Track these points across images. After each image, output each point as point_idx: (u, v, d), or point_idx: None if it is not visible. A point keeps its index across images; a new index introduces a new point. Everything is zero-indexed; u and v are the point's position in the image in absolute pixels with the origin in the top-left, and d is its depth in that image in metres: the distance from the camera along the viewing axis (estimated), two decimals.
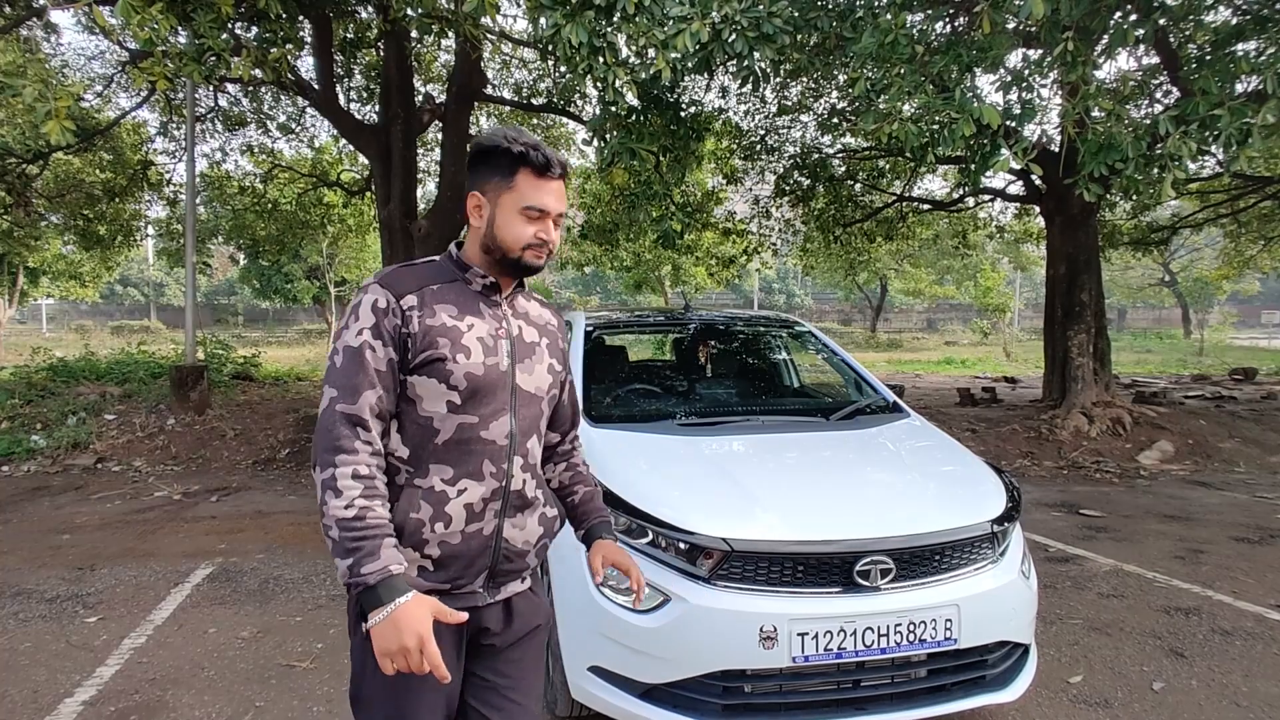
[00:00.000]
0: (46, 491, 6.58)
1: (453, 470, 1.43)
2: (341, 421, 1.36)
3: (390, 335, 1.40)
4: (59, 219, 13.79)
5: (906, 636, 2.23)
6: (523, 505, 1.51)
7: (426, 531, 1.40)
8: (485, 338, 1.47)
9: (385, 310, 1.41)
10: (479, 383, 1.44)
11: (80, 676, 3.15)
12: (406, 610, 1.28)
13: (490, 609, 1.50)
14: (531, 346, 1.55)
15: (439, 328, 1.42)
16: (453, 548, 1.42)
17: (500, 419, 1.47)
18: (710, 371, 4.33)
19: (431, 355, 1.41)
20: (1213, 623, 3.70)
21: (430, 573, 1.42)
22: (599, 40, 4.47)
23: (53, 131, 4.04)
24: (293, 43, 6.66)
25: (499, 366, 1.48)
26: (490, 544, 1.47)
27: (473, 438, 1.44)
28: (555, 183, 1.48)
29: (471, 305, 1.49)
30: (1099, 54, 5.12)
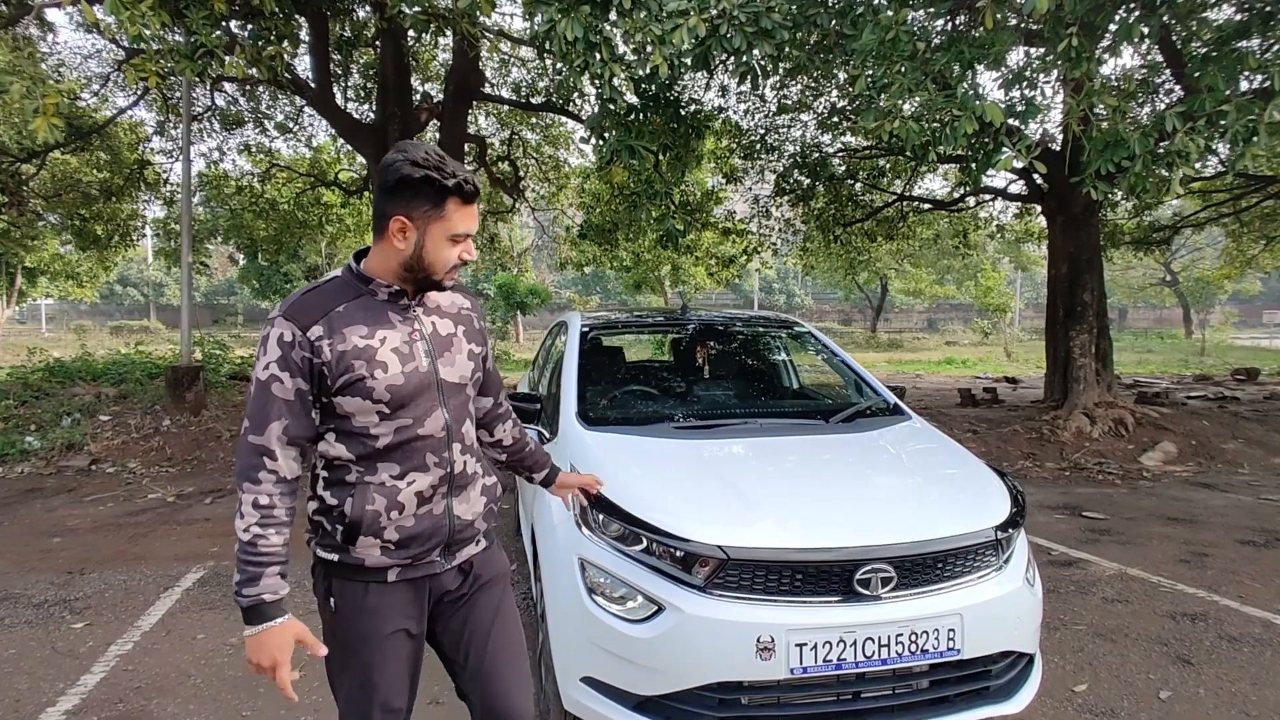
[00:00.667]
0: (39, 493, 6.51)
1: (399, 467, 1.57)
2: (250, 452, 1.50)
3: (299, 366, 1.50)
4: (56, 219, 13.73)
5: (908, 647, 2.17)
6: (465, 483, 1.67)
7: (383, 520, 1.55)
8: (400, 346, 1.57)
9: (291, 344, 1.50)
10: (401, 390, 1.55)
11: (64, 685, 3.09)
12: (269, 635, 1.47)
13: (448, 573, 1.68)
14: (448, 339, 1.65)
15: (352, 351, 1.52)
16: (408, 531, 1.58)
17: (433, 415, 1.60)
18: (708, 373, 4.26)
19: (350, 378, 1.51)
20: (1219, 629, 3.64)
21: (392, 552, 1.58)
22: (595, 36, 4.40)
23: (40, 128, 3.97)
24: (288, 40, 6.59)
25: (419, 369, 1.58)
26: (443, 522, 1.63)
27: (412, 437, 1.57)
28: (475, 206, 1.56)
29: (380, 317, 1.57)
30: (1103, 50, 5.05)
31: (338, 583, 1.61)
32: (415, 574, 1.62)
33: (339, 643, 1.60)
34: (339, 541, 1.57)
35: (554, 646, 2.41)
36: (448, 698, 2.97)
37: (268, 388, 1.50)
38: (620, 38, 4.82)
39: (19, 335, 29.04)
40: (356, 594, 1.60)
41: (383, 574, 1.60)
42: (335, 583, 1.61)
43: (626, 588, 2.25)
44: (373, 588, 1.60)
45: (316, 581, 1.66)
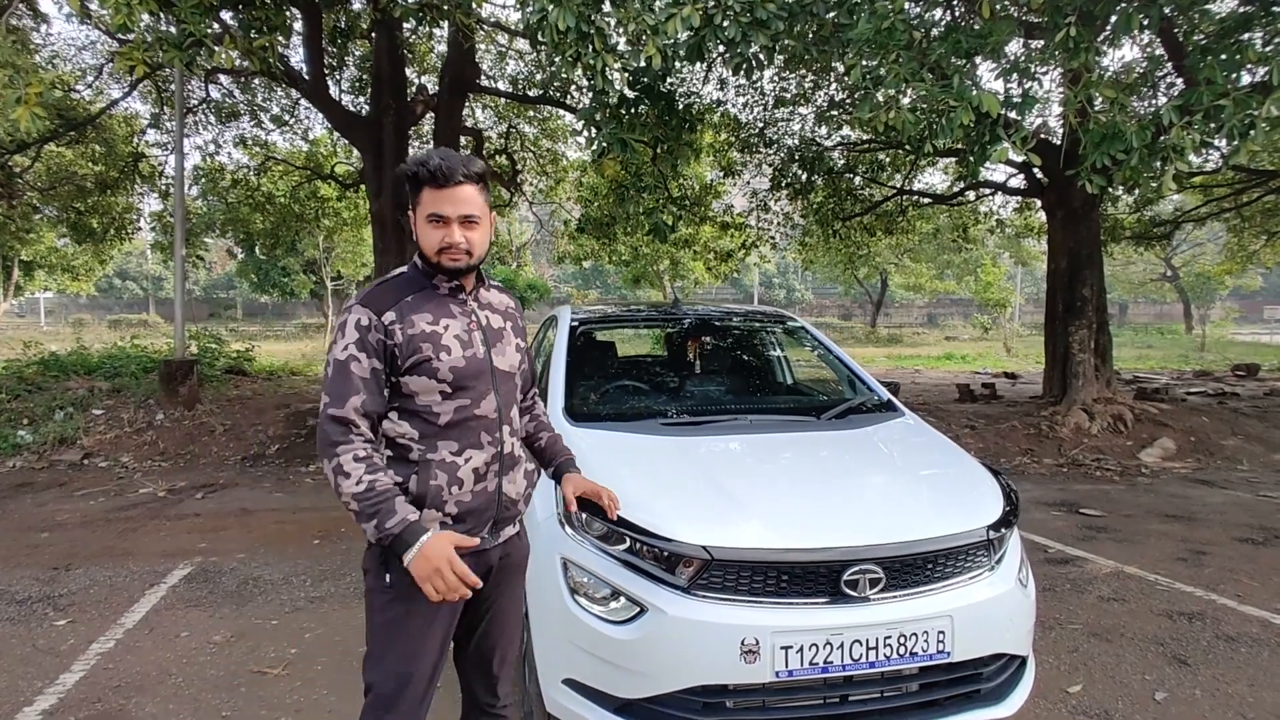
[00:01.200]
0: (30, 488, 6.47)
1: (457, 444, 1.71)
2: (332, 423, 1.63)
3: (374, 348, 1.66)
4: (52, 211, 13.65)
5: (897, 650, 2.12)
6: (513, 464, 1.82)
7: (445, 494, 1.69)
8: (461, 334, 1.73)
9: (368, 328, 1.67)
10: (462, 373, 1.71)
11: (42, 683, 3.04)
12: (431, 544, 1.59)
13: (494, 550, 1.82)
14: (500, 332, 1.83)
15: (419, 335, 1.68)
16: (467, 505, 1.72)
17: (487, 397, 1.76)
18: (699, 368, 4.21)
19: (418, 359, 1.67)
20: (1217, 628, 3.59)
21: (451, 526, 1.71)
22: (587, 26, 4.33)
23: (22, 118, 3.91)
24: (280, 31, 6.52)
25: (477, 355, 1.75)
26: (494, 499, 1.78)
27: (469, 416, 1.73)
28: (453, 190, 1.66)
29: (444, 308, 1.74)
30: (1102, 40, 4.98)
31: (396, 559, 1.65)
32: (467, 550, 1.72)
33: (390, 619, 1.70)
34: None
35: (536, 647, 2.36)
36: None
37: (346, 367, 1.65)
38: (613, 28, 4.76)
39: (17, 329, 28.99)
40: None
41: None
42: (394, 559, 1.66)
43: (609, 588, 2.20)
44: None
45: (368, 561, 1.75)
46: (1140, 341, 28.27)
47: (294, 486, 6.58)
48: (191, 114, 11.51)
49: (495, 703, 1.95)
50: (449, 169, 1.64)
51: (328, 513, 5.69)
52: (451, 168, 1.65)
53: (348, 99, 11.27)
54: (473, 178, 1.69)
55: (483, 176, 1.72)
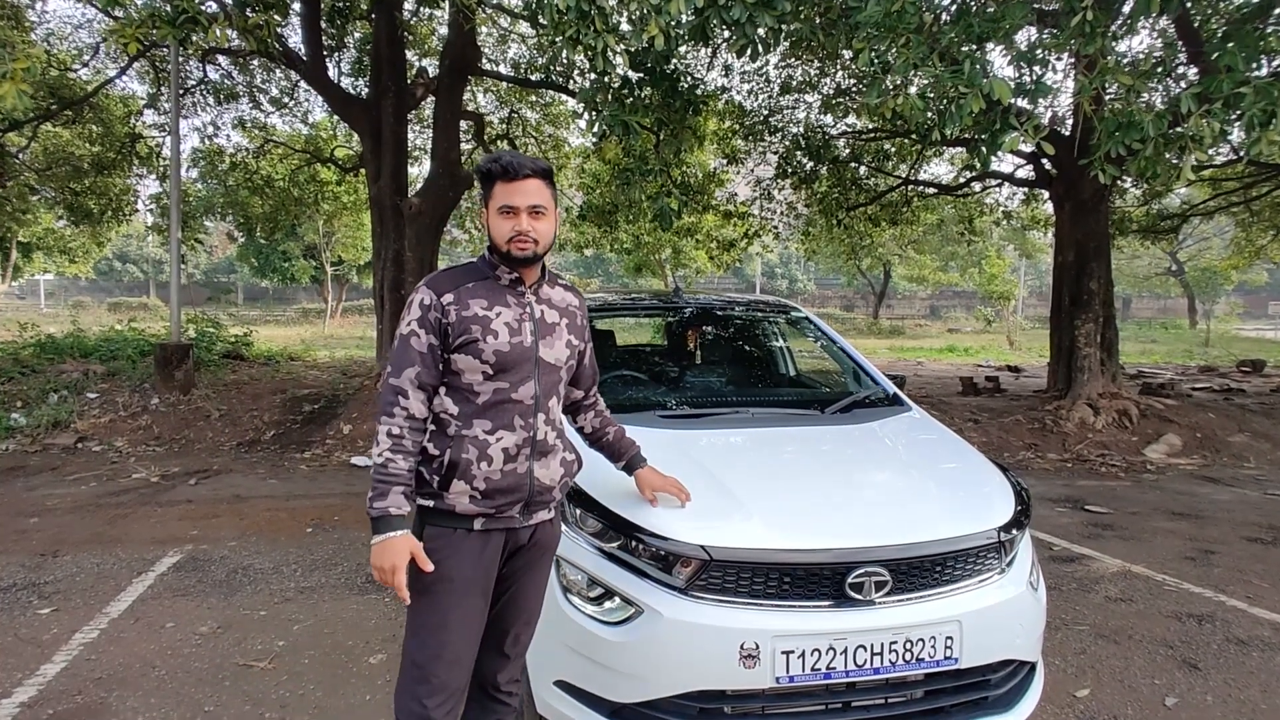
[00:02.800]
0: (22, 472, 6.40)
1: (491, 424, 1.82)
2: (389, 391, 1.81)
3: (432, 325, 1.81)
4: (49, 192, 13.53)
5: (902, 655, 2.03)
6: (546, 451, 1.89)
7: (474, 469, 1.79)
8: (511, 322, 1.85)
9: (429, 306, 1.82)
10: (505, 358, 1.82)
11: (22, 674, 2.97)
12: (392, 543, 1.73)
13: (524, 530, 1.90)
14: (552, 326, 1.92)
15: (471, 317, 1.81)
16: (495, 483, 1.80)
17: (526, 384, 1.85)
18: (699, 359, 4.11)
19: (467, 339, 1.80)
20: (1227, 631, 3.50)
21: (479, 500, 1.81)
22: (588, 5, 4.21)
23: (8, 95, 3.80)
24: (276, 9, 6.39)
25: (524, 343, 1.85)
26: (525, 481, 1.85)
27: (505, 399, 1.83)
28: (522, 182, 1.81)
29: (500, 297, 1.87)
30: (1119, 25, 4.85)
31: (430, 529, 1.82)
32: (497, 525, 1.84)
33: (425, 585, 1.80)
34: (435, 488, 1.80)
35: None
36: None
37: (408, 340, 1.81)
38: (615, 8, 4.63)
39: (17, 311, 28.87)
40: (446, 537, 1.81)
41: (470, 521, 1.82)
42: (428, 529, 1.82)
43: (603, 588, 2.12)
44: (459, 533, 1.82)
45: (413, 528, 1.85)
46: (1144, 336, 28.11)
47: (288, 474, 6.50)
48: (189, 95, 11.37)
49: (500, 685, 1.98)
50: (518, 164, 1.81)
51: (321, 501, 5.62)
52: (520, 162, 1.81)
53: (347, 81, 11.12)
54: (539, 172, 1.84)
55: (549, 172, 1.87)
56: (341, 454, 7.16)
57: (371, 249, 9.76)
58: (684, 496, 2.17)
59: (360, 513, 5.27)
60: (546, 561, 1.99)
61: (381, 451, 1.77)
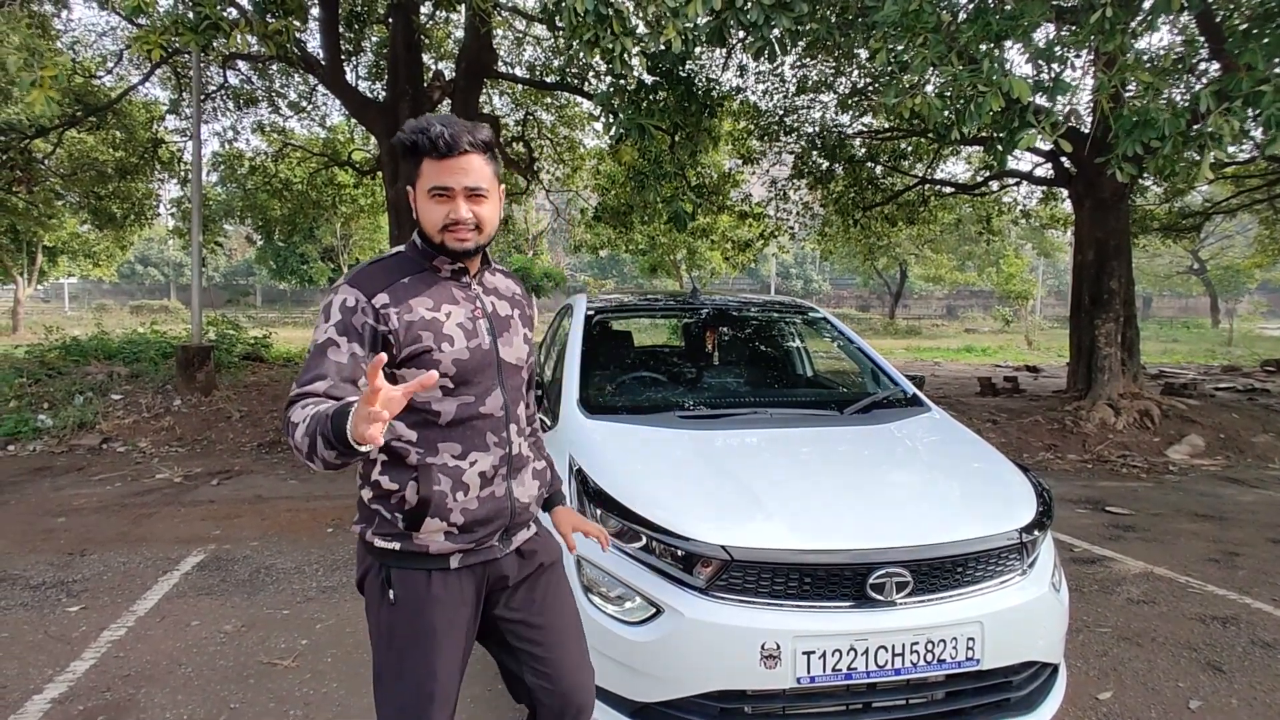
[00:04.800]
0: (49, 472, 6.50)
1: (460, 446, 1.54)
2: (292, 403, 1.41)
3: (358, 332, 1.46)
4: (74, 197, 13.75)
5: (924, 657, 2.03)
6: (521, 465, 1.65)
7: (450, 501, 1.52)
8: (464, 322, 1.55)
9: (354, 309, 1.47)
10: (466, 366, 1.53)
11: (53, 671, 3.02)
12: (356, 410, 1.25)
13: (506, 558, 1.63)
14: (506, 320, 1.64)
15: (419, 322, 1.50)
16: (473, 514, 1.54)
17: (493, 394, 1.58)
18: (717, 360, 4.11)
19: (417, 349, 1.49)
20: (1252, 634, 3.46)
21: (456, 536, 1.54)
22: (605, 9, 4.23)
23: (37, 101, 3.88)
24: (296, 15, 6.47)
25: (482, 346, 1.57)
26: (505, 504, 1.60)
27: (474, 415, 1.55)
28: (457, 159, 1.48)
29: (444, 292, 1.56)
30: (1139, 22, 4.81)
31: (397, 573, 1.55)
32: (476, 559, 1.58)
33: (396, 638, 1.55)
34: (401, 529, 1.53)
35: None
36: None
37: (324, 350, 1.46)
38: (632, 11, 4.65)
39: (42, 313, 29.34)
40: (419, 583, 1.54)
41: (445, 560, 1.55)
42: (395, 573, 1.55)
43: (624, 587, 2.13)
44: (435, 575, 1.55)
45: (367, 576, 1.61)
46: (1165, 335, 27.78)
47: (308, 474, 6.57)
48: (209, 100, 11.52)
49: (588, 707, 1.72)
50: (453, 137, 1.46)
51: (341, 501, 5.67)
52: (456, 135, 1.46)
53: (364, 85, 11.23)
54: (479, 146, 1.50)
55: (490, 145, 1.53)
56: None
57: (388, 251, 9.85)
58: (604, 541, 1.84)
59: None
60: (558, 578, 1.74)
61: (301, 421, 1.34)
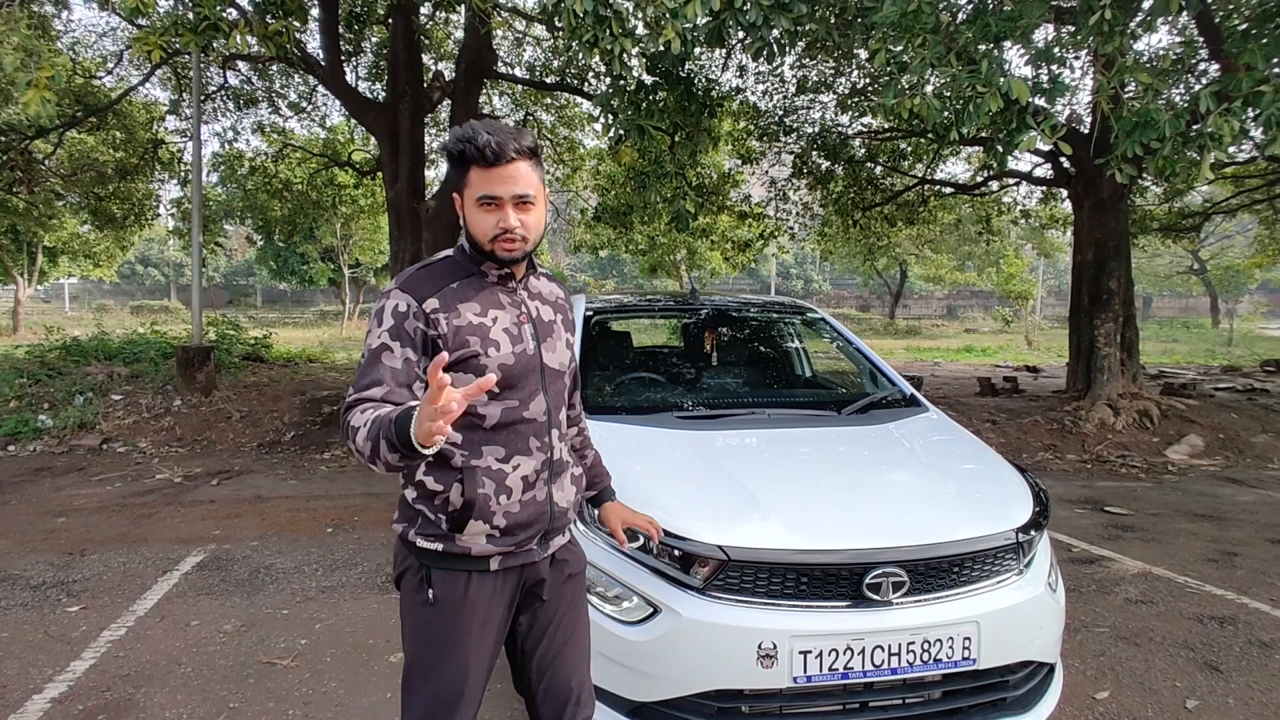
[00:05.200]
0: (49, 472, 6.51)
1: (504, 449, 1.56)
2: (349, 408, 1.46)
3: (410, 336, 1.50)
4: (74, 198, 13.76)
5: (920, 656, 2.04)
6: (562, 470, 1.67)
7: (493, 504, 1.54)
8: (510, 327, 1.58)
9: (405, 314, 1.51)
10: (511, 370, 1.55)
11: (53, 670, 3.03)
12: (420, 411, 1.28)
13: (543, 563, 1.66)
14: (550, 325, 1.66)
15: (467, 327, 1.53)
16: (515, 517, 1.57)
17: (536, 398, 1.60)
18: (715, 360, 4.12)
19: (465, 354, 1.51)
20: (1250, 634, 3.47)
21: (497, 539, 1.57)
22: (604, 10, 4.24)
23: (31, 102, 3.88)
24: (295, 15, 6.48)
25: (527, 351, 1.59)
26: (545, 509, 1.62)
27: (518, 419, 1.57)
28: (505, 167, 1.49)
29: (491, 298, 1.59)
30: (1138, 23, 4.81)
31: (438, 574, 1.57)
32: (515, 562, 1.61)
33: (431, 636, 1.58)
34: (444, 530, 1.55)
35: None
36: None
37: (378, 355, 1.50)
38: (631, 11, 4.66)
39: (42, 314, 29.36)
40: (458, 584, 1.56)
41: (486, 562, 1.58)
42: (435, 574, 1.57)
43: (621, 587, 2.14)
44: (475, 577, 1.57)
45: (405, 574, 1.62)
46: (1165, 335, 27.77)
47: (309, 474, 6.58)
48: (210, 100, 11.53)
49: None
50: (500, 145, 1.47)
51: (341, 501, 5.68)
52: (503, 143, 1.47)
53: (364, 85, 11.24)
54: (525, 152, 1.51)
55: (535, 151, 1.55)
56: None
57: (389, 251, 9.85)
58: (656, 532, 1.95)
59: (379, 513, 5.33)
60: (579, 587, 1.78)
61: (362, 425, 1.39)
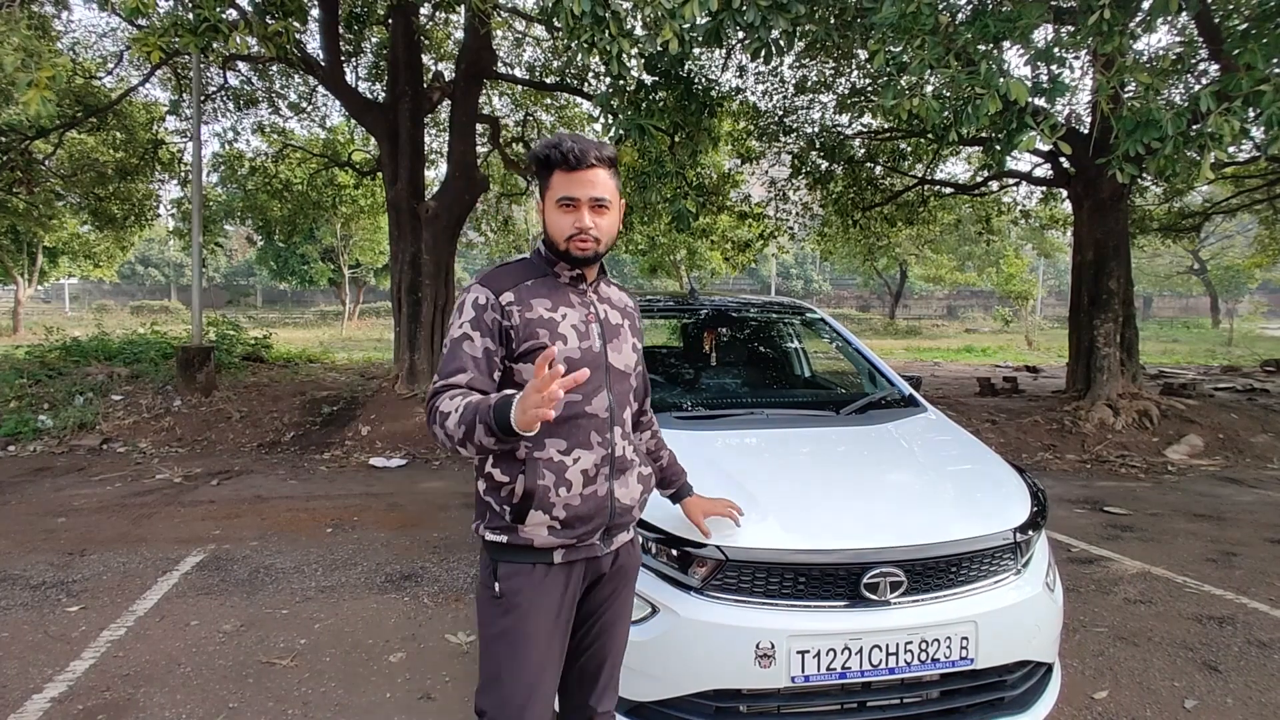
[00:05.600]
0: (49, 472, 6.52)
1: (566, 442, 1.62)
2: (437, 394, 1.58)
3: (489, 327, 1.61)
4: (74, 198, 13.77)
5: (918, 656, 2.04)
6: (625, 468, 1.72)
7: (553, 495, 1.60)
8: (578, 324, 1.67)
9: (485, 306, 1.62)
10: (576, 364, 1.58)
11: (53, 670, 3.04)
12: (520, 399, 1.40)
13: (606, 557, 1.72)
14: (617, 328, 1.75)
15: (537, 320, 1.62)
16: (575, 510, 1.62)
17: (599, 395, 1.67)
18: (714, 360, 4.12)
19: (534, 345, 1.60)
20: (1249, 633, 3.47)
21: (559, 531, 1.62)
22: (602, 9, 4.24)
23: (32, 102, 3.88)
24: (295, 16, 6.48)
25: (593, 348, 1.67)
26: (606, 504, 1.67)
27: (579, 413, 1.63)
28: (585, 172, 1.61)
29: (563, 296, 1.68)
30: (1137, 23, 4.82)
31: (504, 566, 1.63)
32: (578, 555, 1.66)
33: (502, 629, 1.63)
34: (508, 521, 1.62)
35: None
36: (438, 693, 2.89)
37: (460, 345, 1.61)
38: (630, 12, 4.66)
39: (42, 314, 29.37)
40: (523, 577, 1.63)
41: (549, 555, 1.63)
42: (501, 566, 1.63)
43: None
44: (539, 569, 1.63)
45: (479, 571, 1.72)
46: (1165, 335, 27.77)
47: (308, 474, 6.58)
48: (209, 101, 11.53)
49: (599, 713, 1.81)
50: (581, 151, 1.60)
51: (341, 501, 5.68)
52: (584, 150, 1.60)
53: (364, 86, 11.24)
54: (604, 161, 1.63)
55: (614, 161, 1.67)
56: (360, 455, 7.23)
57: (389, 252, 9.86)
58: (736, 514, 2.04)
59: (379, 513, 5.34)
60: (631, 586, 1.84)
61: (452, 411, 1.50)
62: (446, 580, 4.06)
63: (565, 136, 1.63)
